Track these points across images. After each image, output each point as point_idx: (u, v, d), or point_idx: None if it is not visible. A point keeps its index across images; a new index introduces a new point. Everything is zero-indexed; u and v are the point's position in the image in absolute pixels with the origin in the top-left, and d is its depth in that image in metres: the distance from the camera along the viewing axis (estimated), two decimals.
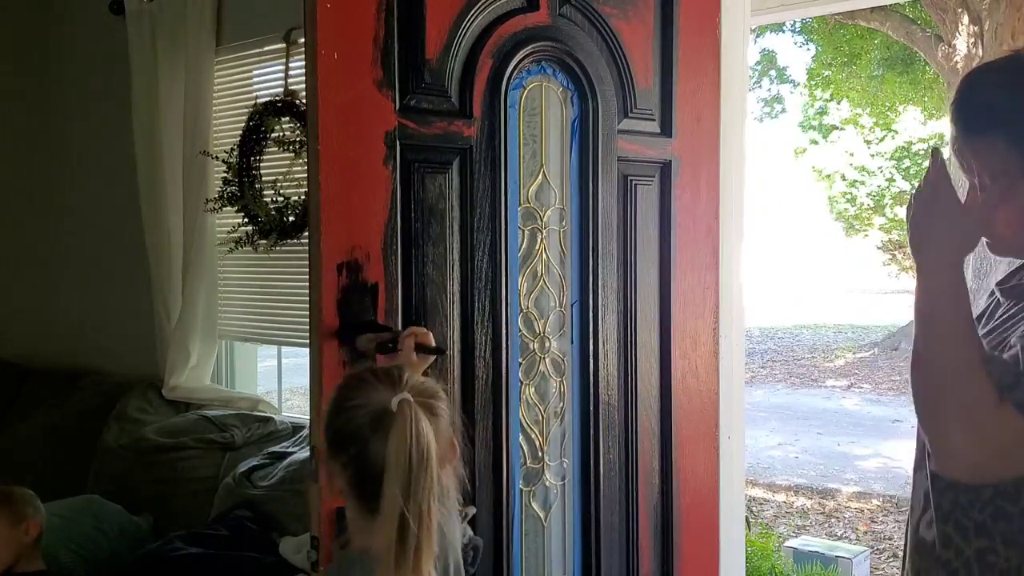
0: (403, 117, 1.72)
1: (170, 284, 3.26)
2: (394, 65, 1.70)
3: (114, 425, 3.14)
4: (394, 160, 1.71)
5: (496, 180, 1.85)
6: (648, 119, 2.11)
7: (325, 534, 1.58)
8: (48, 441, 3.31)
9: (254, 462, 2.75)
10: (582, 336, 2.02)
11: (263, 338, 3.28)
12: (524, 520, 1.95)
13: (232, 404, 3.18)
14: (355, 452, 1.21)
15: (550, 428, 1.99)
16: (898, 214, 14.93)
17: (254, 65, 3.15)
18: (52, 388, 3.54)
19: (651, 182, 2.13)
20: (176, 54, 3.19)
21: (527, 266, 1.94)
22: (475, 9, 1.82)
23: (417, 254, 1.75)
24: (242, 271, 3.20)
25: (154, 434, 3.02)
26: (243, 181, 2.92)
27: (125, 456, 3.01)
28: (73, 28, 3.77)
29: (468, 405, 1.81)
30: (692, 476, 2.25)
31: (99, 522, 2.71)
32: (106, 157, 3.60)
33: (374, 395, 1.19)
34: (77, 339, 3.75)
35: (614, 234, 2.05)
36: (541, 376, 1.97)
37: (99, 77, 3.61)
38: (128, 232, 3.44)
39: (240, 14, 3.15)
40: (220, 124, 3.20)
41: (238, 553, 2.41)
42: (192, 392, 3.24)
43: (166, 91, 3.22)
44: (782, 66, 11.53)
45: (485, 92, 1.83)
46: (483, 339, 1.84)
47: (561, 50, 1.95)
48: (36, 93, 3.85)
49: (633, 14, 2.07)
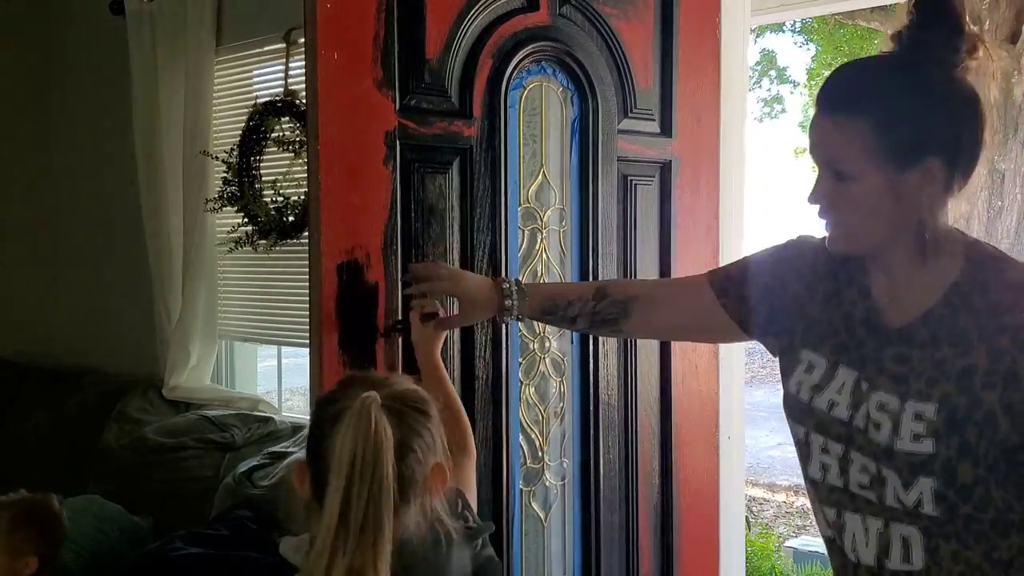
0: (403, 117, 1.72)
1: (170, 284, 3.26)
2: (394, 65, 1.70)
3: (114, 425, 3.14)
4: (394, 160, 1.71)
5: (496, 180, 1.85)
6: (648, 119, 2.12)
7: None
8: (48, 441, 3.30)
9: (254, 462, 2.75)
10: (582, 336, 2.02)
11: (263, 338, 3.28)
12: (524, 520, 1.95)
13: (232, 404, 3.18)
14: (313, 446, 1.20)
15: (550, 428, 1.99)
16: None
17: (254, 65, 3.15)
18: (52, 388, 3.54)
19: (651, 182, 2.13)
20: (176, 54, 3.18)
21: (527, 266, 1.94)
22: (475, 9, 1.82)
23: (417, 254, 1.75)
24: (242, 271, 3.20)
25: (154, 434, 3.02)
26: (243, 181, 2.92)
27: (125, 456, 3.01)
28: (73, 28, 3.76)
29: (468, 405, 1.81)
30: (692, 476, 2.25)
31: (99, 522, 2.71)
32: (106, 157, 3.60)
33: (349, 394, 1.18)
34: (77, 339, 3.75)
35: (614, 234, 2.05)
36: (541, 376, 1.97)
37: (99, 77, 3.61)
38: (128, 232, 3.44)
39: (240, 14, 3.15)
40: (220, 124, 3.20)
41: (238, 553, 2.41)
42: (192, 392, 3.24)
43: (166, 91, 3.22)
44: (782, 66, 11.52)
45: (485, 92, 1.83)
46: (483, 339, 1.84)
47: (561, 50, 1.95)
48: (36, 93, 3.85)
49: (633, 14, 2.07)
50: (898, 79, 1.16)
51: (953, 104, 1.16)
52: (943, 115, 1.16)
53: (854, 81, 1.20)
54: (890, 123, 1.15)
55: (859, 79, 1.20)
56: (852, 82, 1.20)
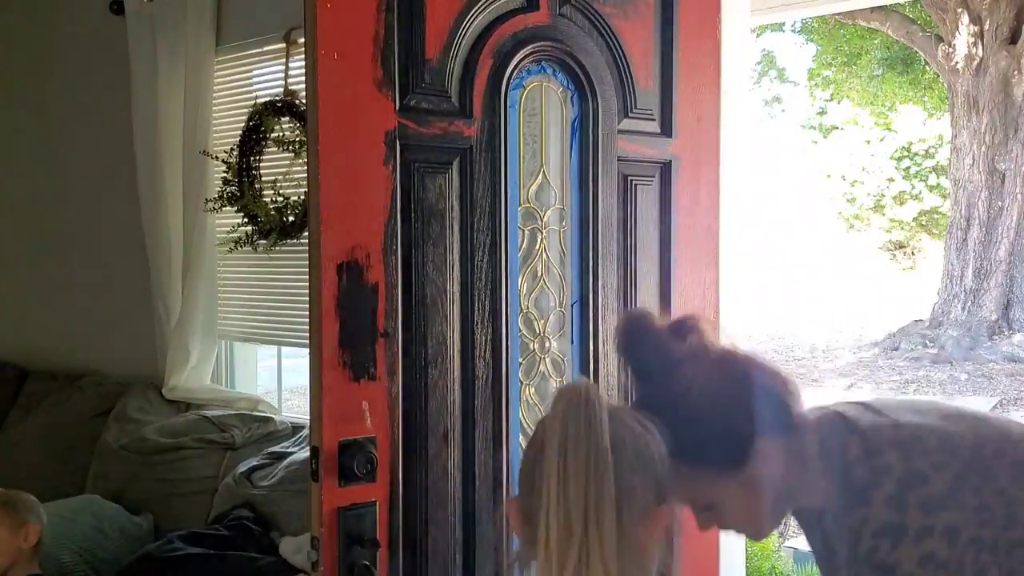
0: (403, 117, 1.72)
1: (170, 284, 3.26)
2: (394, 65, 1.70)
3: (114, 425, 3.14)
4: (394, 160, 1.71)
5: (496, 180, 1.85)
6: (648, 119, 2.11)
7: (325, 534, 1.58)
8: (48, 441, 3.31)
9: (254, 462, 2.75)
10: (582, 336, 2.02)
11: (263, 338, 3.29)
12: None
13: (232, 404, 3.18)
14: (526, 469, 1.10)
15: None
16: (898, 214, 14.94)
17: (254, 65, 3.16)
18: (52, 388, 3.55)
19: (651, 182, 2.13)
20: (176, 54, 3.19)
21: (527, 266, 1.94)
22: (475, 9, 1.81)
23: (417, 254, 1.74)
24: (242, 271, 3.21)
25: (154, 434, 3.02)
26: (243, 181, 2.92)
27: (125, 456, 3.01)
28: (73, 28, 3.77)
29: (468, 405, 1.81)
30: None
31: (99, 522, 2.71)
32: (106, 157, 3.60)
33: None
34: (77, 339, 3.75)
35: (614, 234, 2.05)
36: (541, 376, 1.97)
37: (99, 77, 3.61)
38: (128, 232, 3.44)
39: (240, 14, 3.15)
40: (220, 124, 3.20)
41: (238, 553, 2.42)
42: (192, 392, 3.24)
43: (166, 91, 3.22)
44: (782, 66, 11.54)
45: (485, 92, 1.83)
46: (483, 339, 1.84)
47: (561, 50, 1.95)
48: (36, 93, 3.85)
49: (633, 14, 2.07)
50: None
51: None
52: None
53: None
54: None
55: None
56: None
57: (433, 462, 1.75)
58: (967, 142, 10.66)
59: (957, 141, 10.91)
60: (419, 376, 1.73)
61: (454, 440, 1.78)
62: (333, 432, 1.60)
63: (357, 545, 1.61)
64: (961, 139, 10.78)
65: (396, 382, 1.69)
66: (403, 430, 1.70)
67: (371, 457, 1.63)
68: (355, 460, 1.60)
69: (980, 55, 10.17)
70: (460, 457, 1.79)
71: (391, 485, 1.68)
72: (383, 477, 1.66)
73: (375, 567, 1.64)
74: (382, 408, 1.67)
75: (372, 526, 1.64)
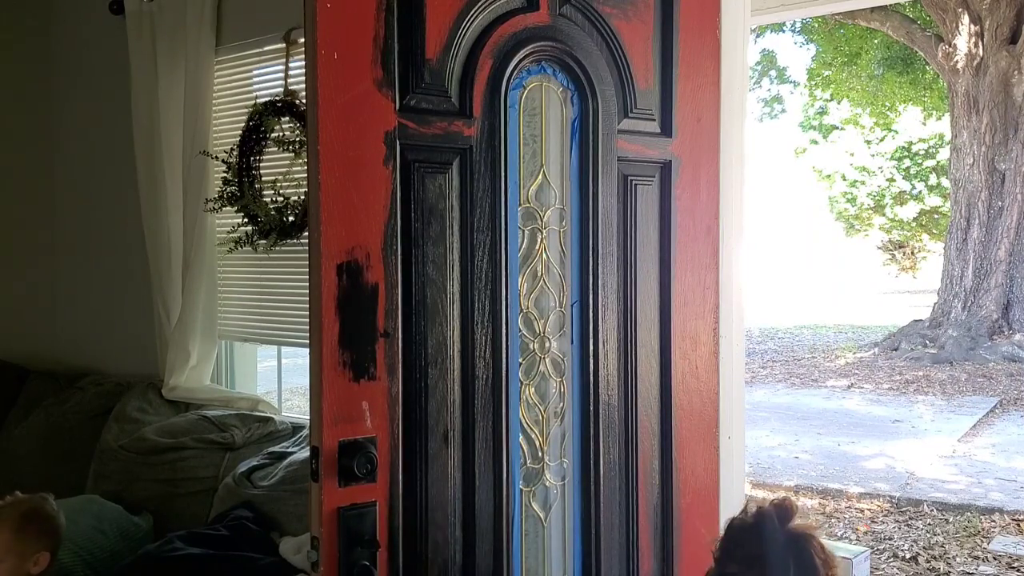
0: (403, 117, 1.72)
1: (170, 284, 3.26)
2: (394, 65, 1.70)
3: (114, 425, 3.15)
4: (394, 160, 1.71)
5: (496, 180, 1.85)
6: (648, 119, 2.11)
7: (325, 534, 1.58)
8: (48, 441, 3.31)
9: (254, 462, 2.75)
10: (582, 336, 2.02)
11: (263, 338, 3.29)
12: (524, 520, 1.95)
13: (232, 404, 3.19)
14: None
15: (550, 428, 1.99)
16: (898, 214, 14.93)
17: (254, 65, 3.16)
18: (52, 388, 3.55)
19: (651, 182, 2.13)
20: (176, 54, 3.19)
21: (527, 266, 1.94)
22: (475, 9, 1.82)
23: (417, 254, 1.74)
24: (242, 271, 3.21)
25: (154, 434, 3.02)
26: (243, 181, 2.92)
27: (125, 456, 3.01)
28: (73, 28, 3.77)
29: (468, 405, 1.81)
30: (692, 476, 2.25)
31: (99, 522, 2.71)
32: (106, 157, 3.60)
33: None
34: (77, 339, 3.75)
35: (614, 234, 2.05)
36: (541, 376, 1.97)
37: (99, 77, 3.62)
38: (128, 232, 3.44)
39: (240, 14, 3.15)
40: (220, 124, 3.20)
41: (238, 553, 2.41)
42: (192, 392, 3.24)
43: (166, 91, 3.22)
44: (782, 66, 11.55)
45: (485, 92, 1.83)
46: (483, 339, 1.84)
47: (561, 50, 1.95)
48: (36, 93, 3.85)
49: (633, 14, 2.07)
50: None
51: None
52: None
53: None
54: None
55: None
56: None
57: (433, 462, 1.75)
58: (967, 142, 10.67)
59: (957, 141, 10.92)
60: (419, 376, 1.73)
61: (454, 440, 1.78)
62: (333, 432, 1.60)
63: (357, 545, 1.61)
64: (961, 139, 10.79)
65: (396, 382, 1.69)
66: (403, 430, 1.70)
67: (371, 457, 1.63)
68: (355, 460, 1.60)
69: (980, 55, 10.18)
70: (460, 457, 1.79)
71: (391, 485, 1.68)
72: (383, 477, 1.67)
73: (375, 567, 1.64)
74: (382, 408, 1.67)
75: (372, 526, 1.64)
